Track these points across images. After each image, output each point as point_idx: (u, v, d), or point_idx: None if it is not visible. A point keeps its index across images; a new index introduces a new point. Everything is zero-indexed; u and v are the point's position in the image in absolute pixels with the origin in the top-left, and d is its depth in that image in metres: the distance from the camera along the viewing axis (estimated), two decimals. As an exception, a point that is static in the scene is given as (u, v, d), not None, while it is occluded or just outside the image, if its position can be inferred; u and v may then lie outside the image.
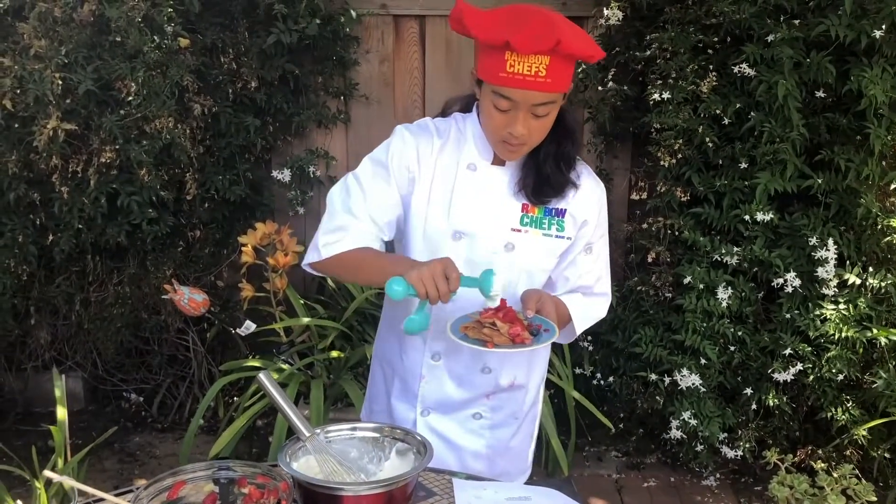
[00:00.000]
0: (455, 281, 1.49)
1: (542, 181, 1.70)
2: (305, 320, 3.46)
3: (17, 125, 3.24)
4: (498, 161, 1.72)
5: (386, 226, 1.71)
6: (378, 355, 1.95)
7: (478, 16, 1.56)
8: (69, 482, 1.17)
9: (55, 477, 1.16)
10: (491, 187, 1.71)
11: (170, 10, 3.25)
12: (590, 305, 1.81)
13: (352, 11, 3.68)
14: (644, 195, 3.89)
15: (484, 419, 1.82)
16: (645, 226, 3.59)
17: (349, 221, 1.67)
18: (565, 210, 1.72)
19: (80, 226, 3.31)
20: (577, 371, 3.62)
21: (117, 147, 3.22)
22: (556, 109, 1.61)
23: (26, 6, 3.26)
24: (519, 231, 1.71)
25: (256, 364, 3.41)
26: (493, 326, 1.55)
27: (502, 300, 1.59)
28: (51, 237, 3.38)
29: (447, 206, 1.70)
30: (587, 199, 1.74)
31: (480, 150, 1.72)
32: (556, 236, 1.72)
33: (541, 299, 1.63)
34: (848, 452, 3.31)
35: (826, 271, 3.07)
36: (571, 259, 1.78)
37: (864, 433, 3.17)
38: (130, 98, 3.19)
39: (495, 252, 1.70)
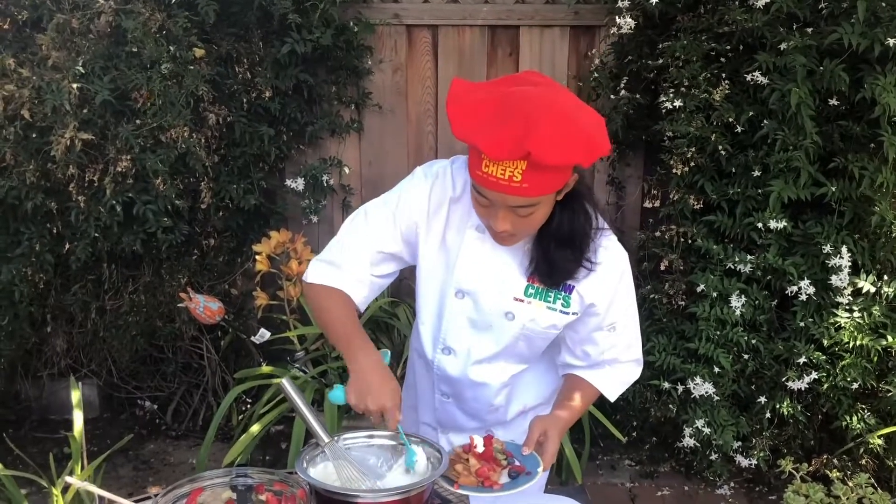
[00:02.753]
0: (391, 424, 1.51)
1: (550, 267, 1.63)
2: (318, 328, 3.47)
3: (34, 135, 3.27)
4: None
5: (382, 264, 1.71)
6: (406, 384, 2.02)
7: (459, 108, 1.48)
8: (91, 488, 1.18)
9: (77, 483, 1.17)
10: (498, 254, 1.66)
11: (185, 20, 3.28)
12: (617, 375, 1.78)
13: (366, 18, 3.71)
14: (657, 203, 3.89)
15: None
16: (658, 234, 3.59)
17: (345, 257, 1.68)
18: (573, 287, 1.66)
19: (96, 234, 3.34)
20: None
21: (133, 156, 3.24)
22: (543, 207, 1.52)
23: (44, 17, 3.30)
24: (521, 301, 1.67)
25: (270, 372, 3.43)
26: (468, 462, 1.51)
27: (487, 437, 1.56)
28: (67, 246, 3.41)
29: (453, 263, 1.69)
30: (599, 282, 1.65)
31: None
32: (561, 311, 1.67)
33: (546, 433, 1.57)
34: (864, 461, 3.29)
35: (840, 279, 3.06)
36: (586, 336, 1.72)
37: (880, 442, 3.15)
38: (146, 108, 3.22)
39: (496, 316, 1.69)
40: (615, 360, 1.76)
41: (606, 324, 1.70)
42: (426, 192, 1.67)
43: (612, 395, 1.79)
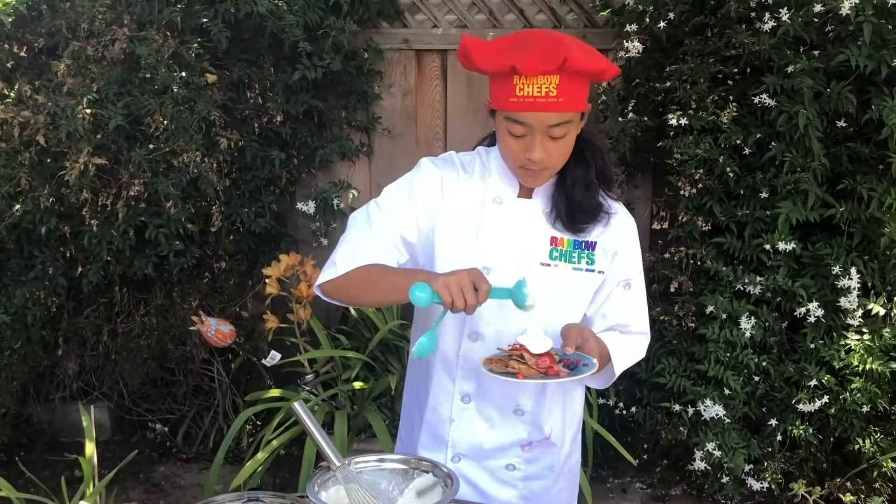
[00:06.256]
0: (484, 293, 1.43)
1: (574, 207, 1.66)
2: (329, 352, 3.48)
3: (49, 160, 3.32)
4: (525, 193, 1.70)
5: (405, 249, 1.69)
6: (407, 406, 1.91)
7: (483, 47, 1.57)
8: (105, 512, 1.19)
9: (91, 507, 1.18)
10: (518, 220, 1.68)
11: (198, 47, 3.32)
12: (629, 344, 1.74)
13: (376, 44, 3.76)
14: (665, 225, 3.89)
15: (518, 471, 1.76)
16: (667, 255, 3.59)
17: (368, 242, 1.66)
18: (595, 243, 1.68)
19: (108, 258, 3.37)
20: (601, 401, 3.60)
21: (146, 181, 3.28)
22: (573, 130, 1.58)
23: (60, 45, 3.36)
24: (548, 265, 1.66)
25: (280, 394, 3.43)
26: (521, 360, 1.50)
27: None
28: (80, 269, 3.44)
29: (474, 240, 1.67)
30: (617, 231, 1.70)
31: (506, 184, 1.70)
32: (587, 270, 1.68)
33: (583, 335, 1.56)
34: (878, 485, 3.27)
35: (850, 301, 3.06)
36: (607, 294, 1.72)
37: (895, 465, 3.12)
38: (159, 133, 3.26)
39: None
40: (627, 326, 1.75)
41: (624, 278, 1.72)
42: (437, 174, 1.71)
43: (619, 367, 1.70)
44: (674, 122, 3.24)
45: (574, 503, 1.91)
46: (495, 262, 1.66)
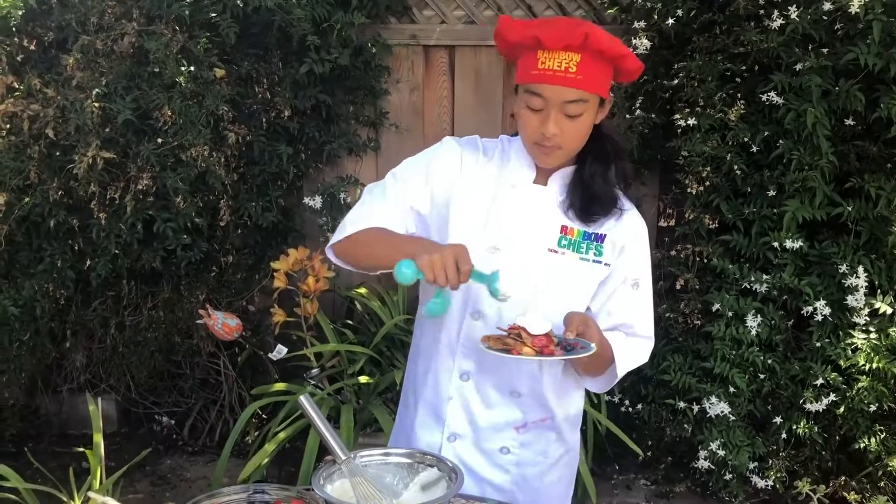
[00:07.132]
0: (465, 274, 1.45)
1: (590, 199, 1.69)
2: (335, 346, 3.49)
3: (58, 153, 3.33)
4: (540, 181, 1.72)
5: (415, 221, 1.73)
6: (407, 386, 1.92)
7: (512, 23, 1.63)
8: (112, 503, 1.20)
9: (99, 498, 1.19)
10: (531, 205, 1.70)
11: (206, 41, 3.33)
12: (632, 347, 1.74)
13: (384, 39, 3.77)
14: (672, 222, 3.89)
15: (511, 454, 1.77)
16: (673, 253, 3.59)
17: (380, 206, 1.71)
18: (605, 236, 1.70)
19: (116, 251, 3.39)
20: (606, 398, 3.61)
21: (154, 174, 3.30)
22: (590, 113, 1.61)
23: (70, 39, 3.37)
24: (556, 252, 1.68)
25: (286, 388, 3.44)
26: (518, 338, 1.52)
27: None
28: (88, 262, 3.46)
29: (485, 219, 1.70)
30: (628, 227, 1.72)
31: (523, 170, 1.73)
32: (594, 261, 1.69)
33: (585, 322, 1.57)
34: (882, 484, 3.26)
35: (856, 300, 3.05)
36: (613, 290, 1.72)
37: (898, 464, 3.12)
38: (167, 127, 3.27)
39: (530, 272, 1.66)
40: (632, 327, 1.75)
41: (632, 277, 1.72)
42: (458, 151, 1.75)
43: (621, 369, 1.72)
44: (682, 122, 3.24)
45: (569, 500, 1.92)
46: (503, 242, 1.68)
